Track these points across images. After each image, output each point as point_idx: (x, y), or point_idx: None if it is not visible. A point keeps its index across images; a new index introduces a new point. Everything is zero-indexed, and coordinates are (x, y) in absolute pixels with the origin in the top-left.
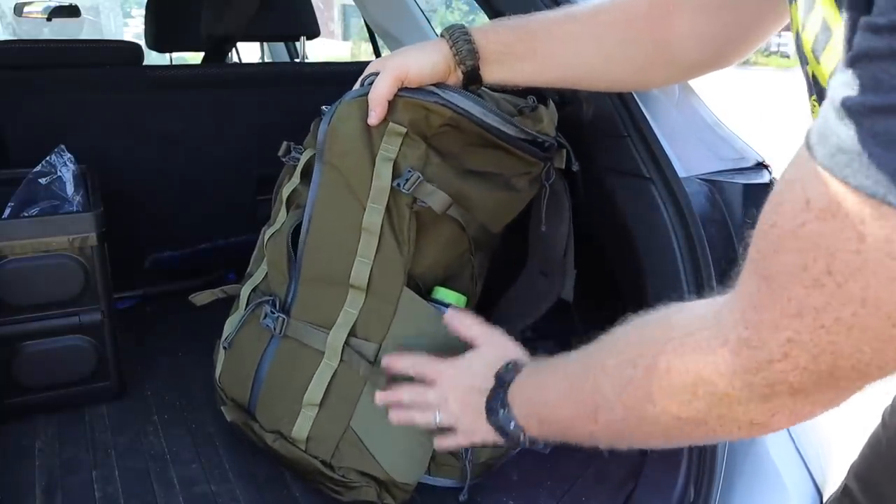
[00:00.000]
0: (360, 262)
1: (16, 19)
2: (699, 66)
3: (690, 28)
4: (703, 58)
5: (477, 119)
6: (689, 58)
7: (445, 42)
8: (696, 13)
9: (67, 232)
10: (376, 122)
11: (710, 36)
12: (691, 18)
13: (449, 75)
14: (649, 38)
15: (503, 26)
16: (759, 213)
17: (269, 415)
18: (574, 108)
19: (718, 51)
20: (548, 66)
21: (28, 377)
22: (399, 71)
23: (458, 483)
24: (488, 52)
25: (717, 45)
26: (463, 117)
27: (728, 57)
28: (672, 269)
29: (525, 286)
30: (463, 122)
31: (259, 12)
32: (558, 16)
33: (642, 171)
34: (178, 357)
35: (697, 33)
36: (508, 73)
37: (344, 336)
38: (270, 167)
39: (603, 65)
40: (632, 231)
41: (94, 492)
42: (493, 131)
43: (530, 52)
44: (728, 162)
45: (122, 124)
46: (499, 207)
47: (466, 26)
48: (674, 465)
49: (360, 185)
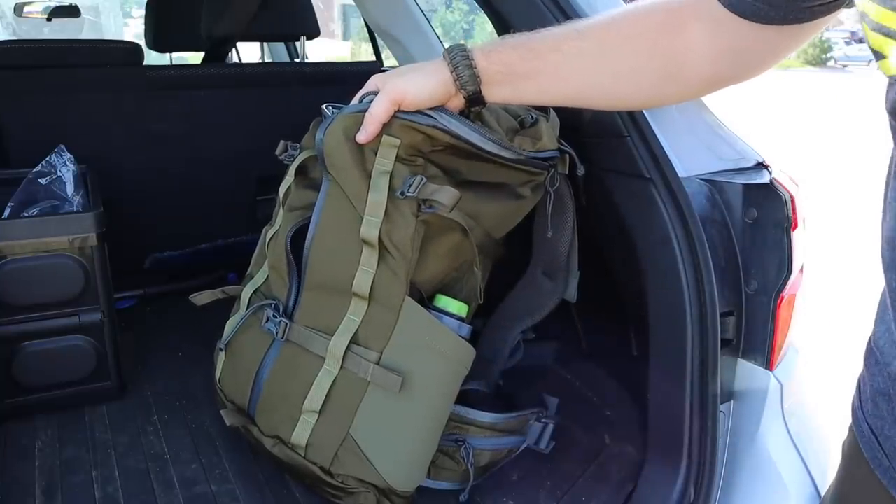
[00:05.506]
0: (363, 272)
1: (16, 19)
2: (713, 81)
3: (708, 40)
4: (719, 72)
5: (474, 145)
6: (703, 73)
7: (446, 66)
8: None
9: (67, 232)
10: (365, 141)
11: (727, 49)
12: (708, 30)
13: (450, 99)
14: (662, 52)
15: (505, 45)
16: (759, 212)
17: (268, 419)
18: (574, 109)
19: (735, 64)
20: (552, 86)
21: (28, 377)
22: (396, 95)
23: (459, 486)
24: (490, 74)
25: (733, 57)
26: (460, 142)
27: (746, 71)
28: (672, 269)
29: (528, 287)
30: (460, 144)
31: (259, 12)
32: (564, 32)
33: (642, 171)
34: (178, 357)
35: (714, 46)
36: (511, 93)
37: (345, 343)
38: (270, 167)
39: (611, 83)
40: (632, 231)
41: (94, 492)
42: (491, 157)
43: (534, 72)
44: (728, 162)
45: (122, 124)
46: (503, 215)
47: (467, 48)
48: (674, 465)
49: (357, 197)
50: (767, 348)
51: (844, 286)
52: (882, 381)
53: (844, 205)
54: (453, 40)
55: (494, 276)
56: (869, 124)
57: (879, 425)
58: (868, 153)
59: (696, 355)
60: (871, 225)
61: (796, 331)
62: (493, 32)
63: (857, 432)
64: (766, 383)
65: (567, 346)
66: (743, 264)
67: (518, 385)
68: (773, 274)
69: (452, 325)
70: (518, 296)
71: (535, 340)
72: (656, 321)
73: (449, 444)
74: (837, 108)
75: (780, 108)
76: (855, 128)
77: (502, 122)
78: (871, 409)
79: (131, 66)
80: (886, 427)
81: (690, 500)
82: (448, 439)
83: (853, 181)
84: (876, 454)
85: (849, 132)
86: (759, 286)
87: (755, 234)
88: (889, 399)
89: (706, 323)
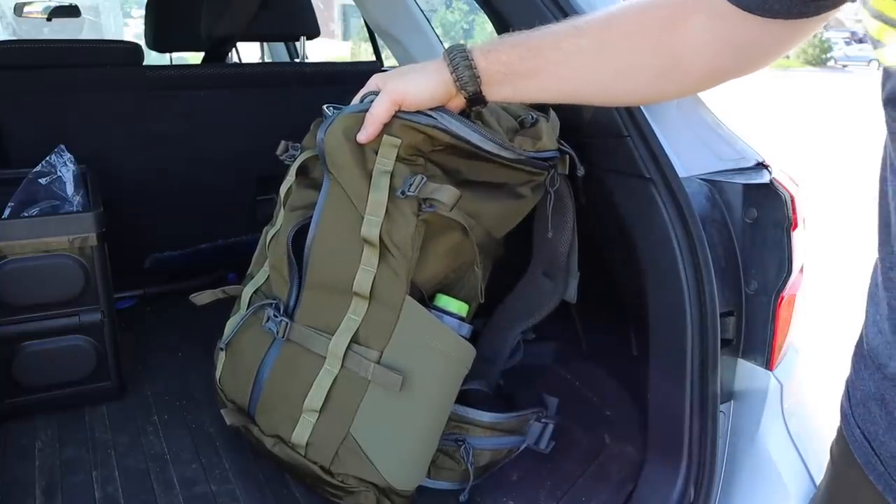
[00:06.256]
0: (364, 271)
1: (16, 19)
2: (715, 76)
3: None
4: (721, 66)
5: (474, 145)
6: (705, 67)
7: (446, 67)
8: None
9: (67, 232)
10: (366, 141)
11: (729, 43)
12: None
13: (450, 99)
14: (662, 48)
15: (505, 44)
16: (759, 212)
17: (268, 419)
18: (574, 109)
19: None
20: (552, 84)
21: (28, 377)
22: (397, 95)
23: (459, 486)
24: (490, 74)
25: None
26: (460, 142)
27: (749, 65)
28: (672, 269)
29: (528, 288)
30: (461, 144)
31: (259, 12)
32: (563, 29)
33: (642, 171)
34: (178, 357)
35: (716, 40)
36: (512, 92)
37: (346, 342)
38: (270, 167)
39: (611, 80)
40: (631, 231)
41: (94, 492)
42: (491, 157)
43: (534, 71)
44: (728, 162)
45: (122, 124)
46: (504, 215)
47: (467, 48)
48: (674, 465)
49: (357, 197)
50: (767, 348)
51: (844, 286)
52: (874, 384)
53: (844, 205)
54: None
55: (495, 276)
56: (869, 124)
57: (872, 430)
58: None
59: (696, 355)
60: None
61: (796, 331)
62: (492, 32)
63: (847, 436)
64: (766, 383)
65: (567, 346)
66: (743, 264)
67: (518, 385)
68: (773, 274)
69: (453, 324)
70: (518, 296)
71: (535, 340)
72: (656, 321)
73: (449, 444)
74: (837, 108)
75: (779, 108)
76: (855, 128)
77: (502, 122)
78: (863, 413)
79: (131, 66)
80: (880, 432)
81: (690, 500)
82: (448, 439)
83: (853, 181)
84: (870, 459)
85: (849, 132)
86: (759, 286)
87: (755, 234)
88: (883, 403)
89: (706, 323)
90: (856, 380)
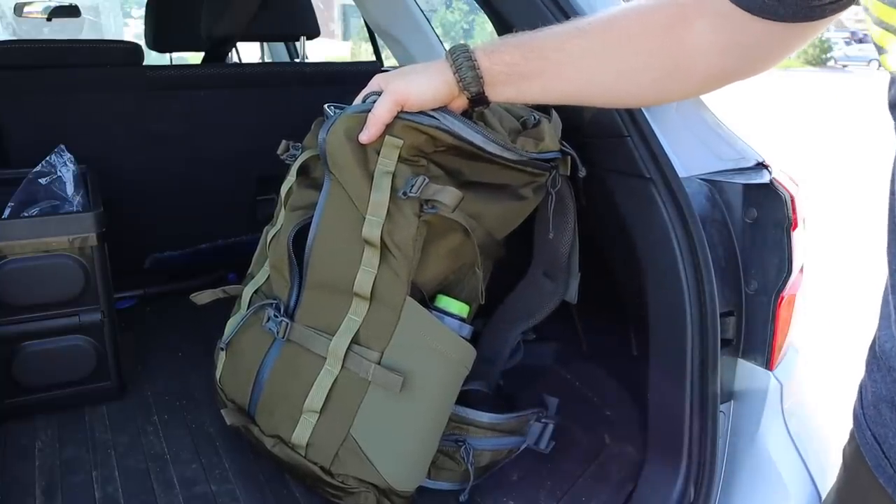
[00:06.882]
0: (365, 272)
1: (16, 19)
2: (718, 77)
3: (713, 37)
4: (724, 68)
5: (477, 146)
6: (708, 69)
7: (449, 67)
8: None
9: (67, 232)
10: (368, 141)
11: (733, 45)
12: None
13: (453, 100)
14: (666, 50)
15: (508, 45)
16: (759, 212)
17: (268, 419)
18: (575, 108)
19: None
20: (555, 85)
21: (28, 377)
22: (399, 96)
23: (459, 486)
24: (493, 74)
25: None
26: (463, 143)
27: (752, 67)
28: (672, 269)
29: (529, 288)
30: (463, 145)
31: (259, 12)
32: (566, 30)
33: (642, 171)
34: (178, 357)
35: (719, 42)
36: (514, 93)
37: (346, 343)
38: (270, 167)
39: (614, 81)
40: (632, 231)
41: (94, 492)
42: (493, 159)
43: (537, 72)
44: (728, 162)
45: (122, 124)
46: (505, 216)
47: (470, 48)
48: (674, 465)
49: (359, 197)
50: (767, 348)
51: (844, 286)
52: (885, 387)
53: (844, 205)
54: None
55: (495, 277)
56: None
57: (883, 433)
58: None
59: (696, 355)
60: (870, 224)
61: (796, 331)
62: (493, 32)
63: (859, 439)
64: (766, 383)
65: (567, 346)
66: (743, 264)
67: (518, 385)
68: (773, 274)
69: (453, 325)
70: (519, 296)
71: (535, 341)
72: (656, 321)
73: (449, 445)
74: (837, 108)
75: (780, 108)
76: (855, 128)
77: (505, 122)
78: (874, 415)
79: (131, 66)
80: (891, 435)
81: (690, 500)
82: (448, 439)
83: (853, 181)
84: (880, 462)
85: (849, 132)
86: (759, 286)
87: (755, 234)
88: (894, 406)
89: (706, 323)
90: (868, 382)
